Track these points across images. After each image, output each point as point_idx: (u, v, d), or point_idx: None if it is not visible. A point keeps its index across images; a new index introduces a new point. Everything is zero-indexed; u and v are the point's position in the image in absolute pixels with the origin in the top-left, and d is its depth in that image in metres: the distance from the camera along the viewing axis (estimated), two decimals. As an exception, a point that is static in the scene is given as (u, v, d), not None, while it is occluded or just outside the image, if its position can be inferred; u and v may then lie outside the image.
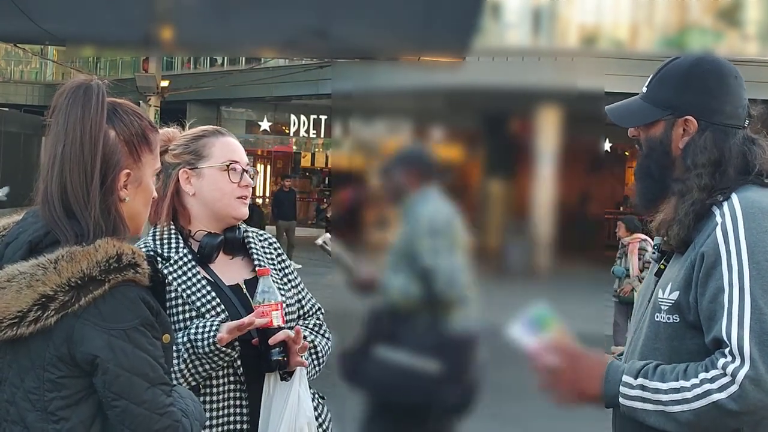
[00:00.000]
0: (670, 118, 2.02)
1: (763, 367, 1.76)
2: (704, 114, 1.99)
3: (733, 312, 1.81)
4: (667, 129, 2.03)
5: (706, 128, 1.98)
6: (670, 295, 1.94)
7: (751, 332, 1.78)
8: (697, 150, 1.98)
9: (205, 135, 2.40)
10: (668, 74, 2.05)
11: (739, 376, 1.77)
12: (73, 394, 1.63)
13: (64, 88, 1.72)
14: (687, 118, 2.00)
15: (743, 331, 1.79)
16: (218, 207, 2.36)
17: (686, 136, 2.00)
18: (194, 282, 2.28)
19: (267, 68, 20.68)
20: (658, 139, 2.04)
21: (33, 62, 31.43)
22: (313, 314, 2.50)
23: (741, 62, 15.65)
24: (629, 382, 1.89)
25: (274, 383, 2.27)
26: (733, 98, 2.01)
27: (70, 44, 15.50)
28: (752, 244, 1.84)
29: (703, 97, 2.00)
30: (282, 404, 2.23)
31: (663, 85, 2.05)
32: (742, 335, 1.79)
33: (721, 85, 2.00)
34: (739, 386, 1.77)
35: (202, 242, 2.34)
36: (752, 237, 1.85)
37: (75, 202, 1.66)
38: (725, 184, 1.95)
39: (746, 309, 1.80)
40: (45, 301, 1.59)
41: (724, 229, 1.88)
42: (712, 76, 2.01)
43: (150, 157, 1.79)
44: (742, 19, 16.52)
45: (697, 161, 1.97)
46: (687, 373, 1.84)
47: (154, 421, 1.62)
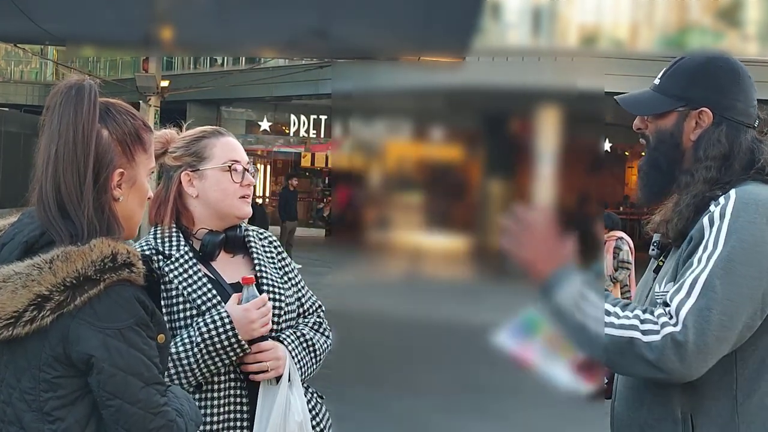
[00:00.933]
0: (684, 110, 2.02)
1: (692, 337, 1.76)
2: (719, 108, 2.00)
3: (685, 282, 1.82)
4: (680, 121, 2.03)
5: (721, 122, 1.99)
6: (664, 288, 1.94)
7: (695, 303, 1.79)
8: (710, 142, 1.98)
9: (205, 136, 2.40)
10: (683, 68, 2.06)
11: (664, 330, 1.78)
12: (69, 394, 1.63)
13: (56, 88, 1.72)
14: (702, 110, 2.00)
15: (688, 299, 1.80)
16: (222, 207, 2.36)
17: (699, 129, 2.01)
18: (195, 280, 2.28)
19: (267, 68, 20.72)
20: (669, 131, 2.04)
21: (33, 62, 31.46)
22: (313, 312, 2.51)
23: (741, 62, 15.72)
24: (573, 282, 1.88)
25: (264, 387, 2.26)
26: (746, 96, 2.02)
27: (70, 44, 15.51)
28: (733, 230, 1.85)
29: (718, 92, 2.01)
30: (269, 408, 2.23)
31: (677, 78, 2.06)
32: (684, 302, 1.80)
33: (735, 83, 2.01)
34: (661, 338, 1.78)
35: (204, 240, 2.34)
36: (735, 223, 1.86)
37: (69, 201, 1.66)
38: (728, 179, 1.96)
39: (699, 283, 1.81)
40: (41, 301, 1.59)
41: (711, 215, 1.89)
42: (726, 73, 2.02)
43: (144, 156, 1.79)
44: (742, 19, 16.52)
45: (709, 153, 1.98)
46: (626, 307, 1.86)
47: (149, 421, 1.62)
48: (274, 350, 2.27)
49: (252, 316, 2.21)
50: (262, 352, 2.25)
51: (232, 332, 2.19)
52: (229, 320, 2.20)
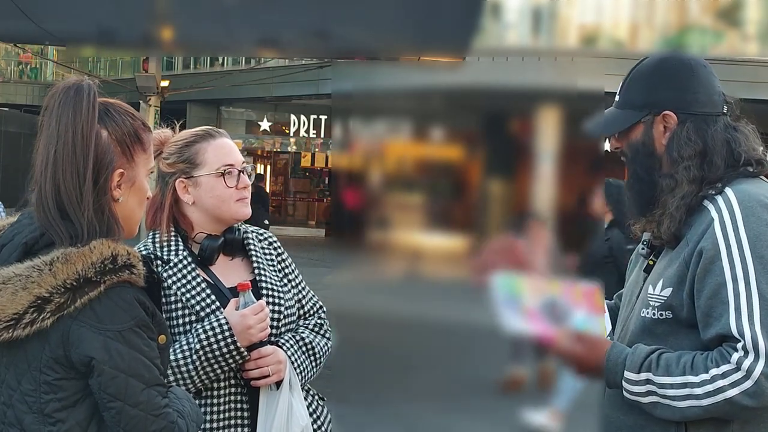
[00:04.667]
0: (649, 118, 2.02)
1: None
2: (680, 106, 1.99)
3: (741, 307, 1.79)
4: (647, 129, 2.03)
5: (686, 120, 1.98)
6: (662, 291, 1.93)
7: (763, 327, 1.76)
8: (681, 142, 1.97)
9: (196, 140, 2.36)
10: (636, 77, 2.06)
11: (755, 373, 1.75)
12: (70, 396, 1.62)
13: (55, 89, 1.71)
14: (665, 114, 2.00)
15: (755, 326, 1.77)
16: (218, 213, 2.34)
17: (668, 132, 2.00)
18: (194, 285, 2.27)
19: (267, 68, 20.69)
20: (640, 142, 2.04)
21: (33, 62, 31.42)
22: (314, 314, 2.49)
23: (741, 62, 15.65)
24: (631, 378, 1.87)
25: (264, 392, 2.26)
26: (706, 86, 2.00)
27: (70, 44, 15.51)
28: (753, 237, 1.83)
29: (676, 90, 2.00)
30: (272, 413, 2.23)
31: (633, 89, 2.06)
32: (755, 330, 1.76)
33: (691, 76, 2.00)
34: (755, 383, 1.75)
35: (203, 245, 2.33)
36: (753, 230, 1.84)
37: (68, 203, 1.65)
38: (715, 176, 1.94)
39: (755, 303, 1.78)
40: (41, 303, 1.58)
41: (722, 223, 1.87)
42: (679, 69, 2.01)
43: (143, 156, 1.78)
44: (742, 19, 16.51)
45: (683, 153, 1.97)
46: (695, 367, 1.82)
47: (150, 423, 1.62)
48: (274, 355, 2.25)
49: (249, 322, 2.19)
50: (263, 358, 2.23)
51: (230, 338, 2.17)
52: (227, 327, 2.18)
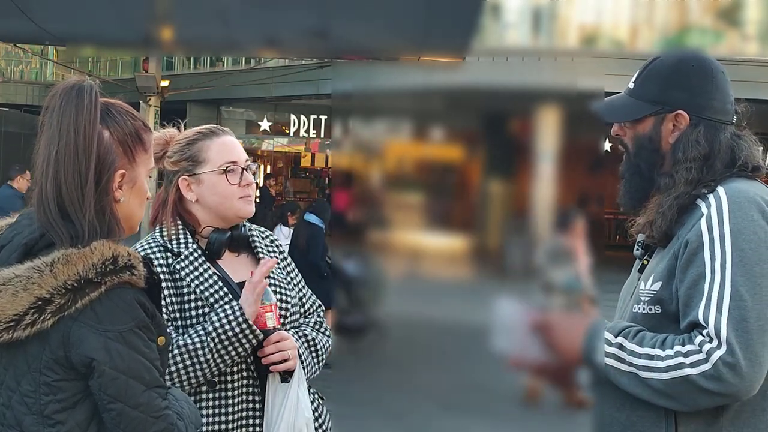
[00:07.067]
0: (660, 114, 2.02)
1: (741, 353, 1.76)
2: (695, 108, 1.99)
3: (712, 298, 1.81)
4: (657, 125, 2.03)
5: (699, 123, 1.99)
6: (651, 286, 1.94)
7: (729, 318, 1.79)
8: (689, 144, 1.98)
9: (199, 138, 2.38)
10: (656, 71, 2.05)
11: (713, 357, 1.78)
12: (69, 397, 1.62)
13: (56, 89, 1.71)
14: (678, 113, 2.00)
15: (721, 315, 1.79)
16: (222, 210, 2.35)
17: (677, 131, 2.00)
18: (206, 277, 2.29)
19: (267, 68, 20.68)
20: (648, 136, 2.04)
21: (33, 62, 31.43)
22: (314, 312, 2.52)
23: (741, 62, 15.64)
24: (609, 339, 1.89)
25: (274, 384, 2.27)
26: (721, 94, 2.01)
27: (70, 44, 15.50)
28: (736, 232, 1.84)
29: (693, 92, 2.00)
30: (281, 405, 2.25)
31: (651, 82, 2.05)
32: (720, 319, 1.79)
33: (709, 81, 2.01)
34: (712, 366, 1.77)
35: (211, 238, 2.34)
36: (737, 225, 1.85)
37: (70, 203, 1.65)
38: (711, 177, 1.95)
39: (726, 295, 1.80)
40: (41, 304, 1.58)
41: (709, 217, 1.88)
42: (700, 73, 2.01)
43: (144, 156, 1.79)
44: (742, 19, 16.52)
45: (688, 155, 1.97)
46: (664, 343, 1.85)
47: (150, 424, 1.62)
48: (291, 340, 2.29)
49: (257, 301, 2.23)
50: (282, 341, 2.25)
51: (242, 318, 2.19)
52: (239, 308, 2.20)
